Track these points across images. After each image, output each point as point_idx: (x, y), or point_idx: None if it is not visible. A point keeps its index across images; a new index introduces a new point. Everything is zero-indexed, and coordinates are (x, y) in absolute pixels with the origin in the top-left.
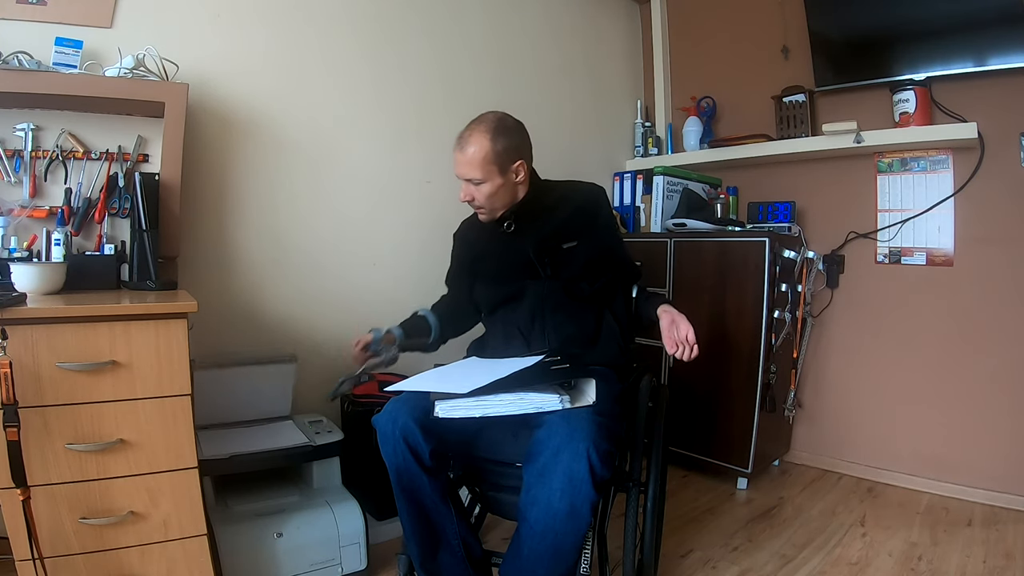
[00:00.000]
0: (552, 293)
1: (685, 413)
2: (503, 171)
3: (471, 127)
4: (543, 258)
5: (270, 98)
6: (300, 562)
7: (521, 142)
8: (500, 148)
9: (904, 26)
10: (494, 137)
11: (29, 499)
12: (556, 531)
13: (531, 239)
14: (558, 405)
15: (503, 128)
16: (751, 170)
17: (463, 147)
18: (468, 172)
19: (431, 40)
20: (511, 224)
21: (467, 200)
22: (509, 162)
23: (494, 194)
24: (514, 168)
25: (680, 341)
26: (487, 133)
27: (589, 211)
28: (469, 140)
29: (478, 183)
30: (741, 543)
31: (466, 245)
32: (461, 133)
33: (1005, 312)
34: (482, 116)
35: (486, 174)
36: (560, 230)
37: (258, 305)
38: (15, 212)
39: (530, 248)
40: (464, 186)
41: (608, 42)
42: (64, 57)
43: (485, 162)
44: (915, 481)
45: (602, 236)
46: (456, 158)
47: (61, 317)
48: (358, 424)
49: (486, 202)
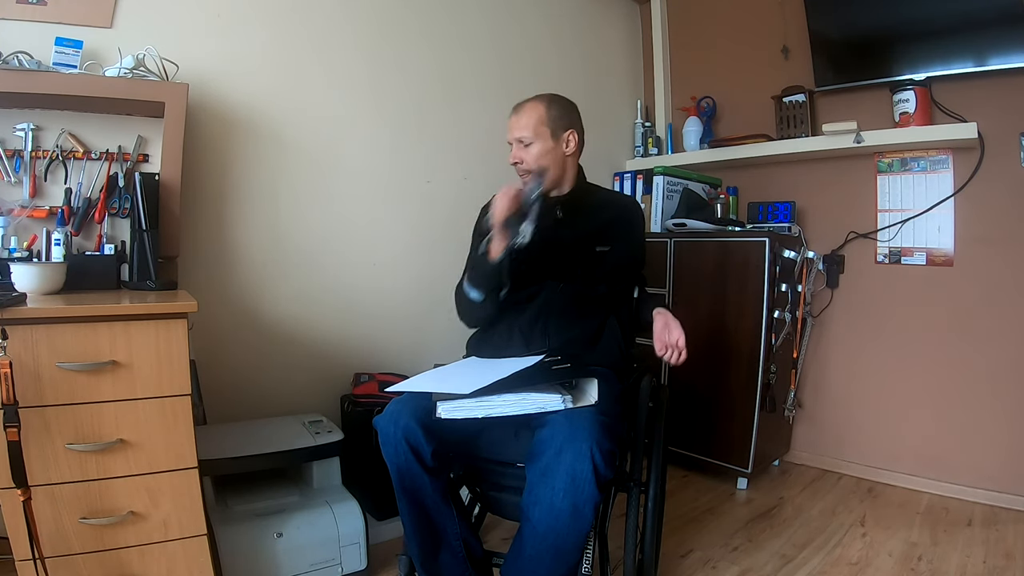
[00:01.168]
0: (560, 295)
1: (685, 413)
2: (555, 135)
3: (529, 98)
4: (577, 258)
5: (270, 98)
6: (300, 562)
7: (574, 116)
8: (554, 114)
9: (904, 26)
10: (549, 104)
11: (29, 499)
12: (558, 531)
13: (574, 233)
14: (560, 405)
15: (559, 99)
16: (751, 170)
17: (518, 111)
18: (519, 131)
19: (431, 39)
20: (561, 212)
21: (515, 162)
22: (561, 129)
23: (542, 155)
24: (565, 137)
25: (670, 344)
26: (542, 99)
27: (629, 220)
28: (525, 105)
29: (528, 143)
30: (741, 543)
31: None
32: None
33: (1005, 312)
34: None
35: (537, 134)
36: (600, 232)
37: (258, 305)
38: (15, 212)
39: (570, 243)
40: (515, 148)
41: (608, 42)
42: (64, 57)
43: (538, 123)
44: (915, 481)
45: (634, 248)
46: (510, 122)
47: (61, 317)
48: (358, 424)
49: (534, 162)
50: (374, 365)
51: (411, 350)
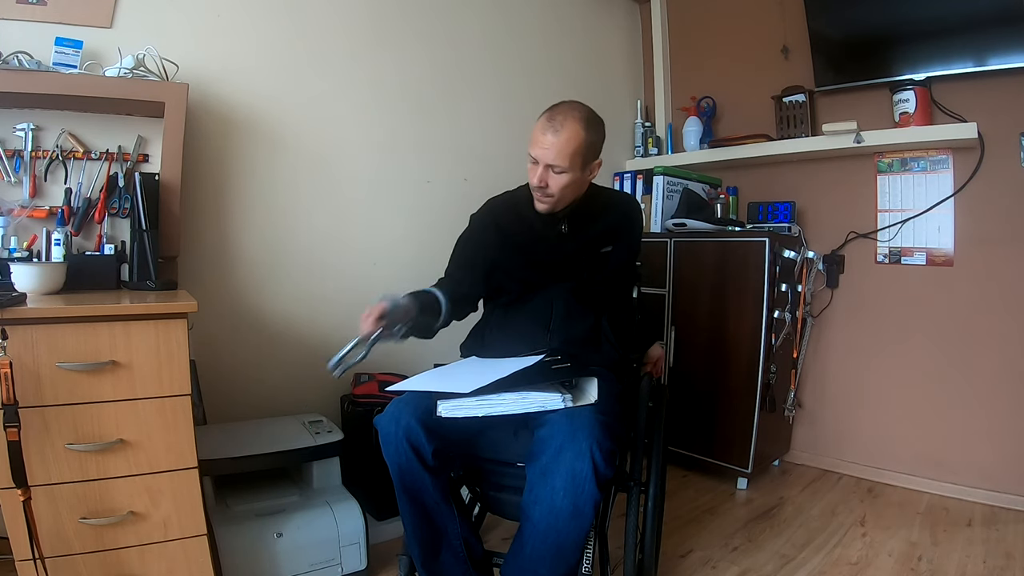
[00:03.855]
0: (562, 295)
1: (685, 413)
2: (585, 165)
3: (565, 111)
4: (583, 261)
5: (270, 98)
6: (300, 562)
7: (602, 141)
8: (591, 139)
9: (904, 26)
10: (587, 127)
11: (29, 499)
12: (559, 530)
13: (579, 241)
14: (560, 404)
15: (595, 121)
16: (751, 170)
17: (556, 130)
18: (555, 158)
19: (430, 40)
20: (566, 226)
21: (540, 185)
22: (592, 158)
23: (568, 186)
24: (592, 166)
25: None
26: (581, 121)
27: (628, 220)
28: (564, 125)
29: (559, 172)
30: (741, 543)
31: (498, 233)
32: (552, 114)
33: (1005, 312)
34: (573, 102)
35: (572, 164)
36: (604, 234)
37: (258, 305)
38: (15, 212)
39: (575, 251)
40: (540, 171)
41: (608, 42)
42: (64, 57)
43: (576, 153)
44: (915, 481)
45: (633, 247)
46: (542, 139)
47: (61, 317)
48: (358, 424)
49: (558, 192)
50: (374, 365)
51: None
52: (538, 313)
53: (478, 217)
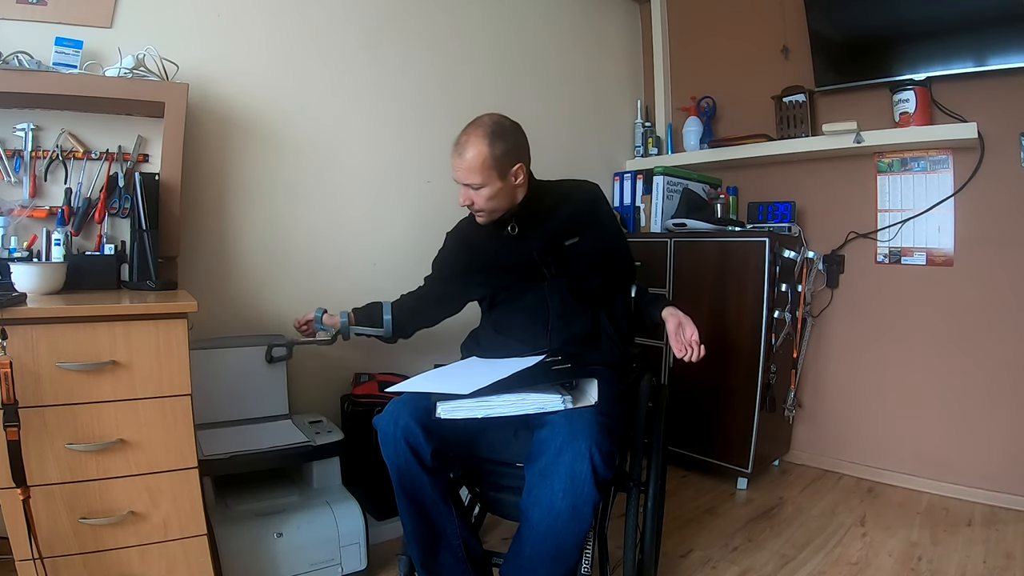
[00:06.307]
0: (556, 293)
1: (685, 413)
2: (502, 175)
3: (467, 131)
4: (547, 258)
5: (270, 98)
6: (300, 562)
7: (519, 145)
8: (499, 152)
9: (904, 26)
10: (492, 141)
11: (29, 499)
12: (558, 531)
13: (535, 241)
14: (560, 405)
15: (500, 131)
16: (751, 170)
17: (461, 152)
18: (467, 177)
19: (431, 39)
20: (515, 227)
21: (466, 204)
22: (508, 166)
23: (493, 197)
24: (513, 172)
25: (688, 344)
26: (484, 137)
27: (588, 208)
28: (467, 145)
29: (477, 188)
30: (741, 543)
31: (465, 245)
32: (458, 138)
33: (1005, 312)
34: (478, 120)
35: (485, 179)
36: (562, 229)
37: (258, 305)
38: (15, 212)
39: (534, 250)
40: (463, 190)
41: (608, 42)
42: (64, 57)
43: (484, 167)
44: (915, 481)
45: (604, 232)
46: (454, 163)
47: (61, 317)
48: (358, 424)
49: (486, 205)
50: (374, 365)
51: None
52: (535, 312)
53: (450, 234)
